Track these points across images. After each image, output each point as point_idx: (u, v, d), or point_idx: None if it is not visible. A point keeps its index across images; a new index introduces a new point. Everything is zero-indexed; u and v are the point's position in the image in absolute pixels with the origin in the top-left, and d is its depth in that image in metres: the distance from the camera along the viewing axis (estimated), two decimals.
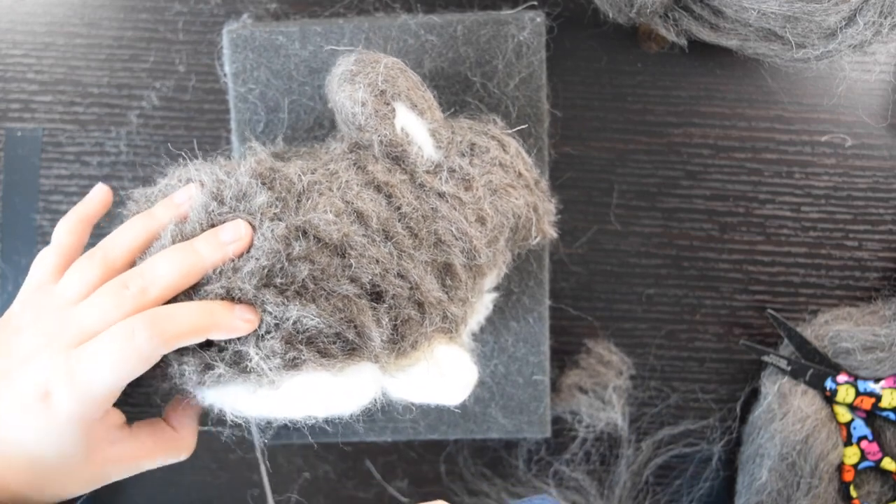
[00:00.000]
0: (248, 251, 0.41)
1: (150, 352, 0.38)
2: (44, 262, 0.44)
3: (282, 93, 0.53)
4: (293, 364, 0.40)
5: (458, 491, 0.59)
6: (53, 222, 0.58)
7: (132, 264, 0.42)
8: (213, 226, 0.42)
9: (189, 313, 0.39)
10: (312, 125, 0.53)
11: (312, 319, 0.40)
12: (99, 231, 0.57)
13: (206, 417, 0.46)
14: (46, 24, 0.57)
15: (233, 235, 0.41)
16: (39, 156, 0.58)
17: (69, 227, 0.46)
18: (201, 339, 0.40)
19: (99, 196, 0.47)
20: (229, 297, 0.40)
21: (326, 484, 0.60)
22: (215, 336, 0.40)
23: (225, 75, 0.54)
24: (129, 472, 0.42)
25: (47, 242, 0.54)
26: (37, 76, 0.57)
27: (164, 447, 0.44)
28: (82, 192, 0.58)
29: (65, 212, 0.57)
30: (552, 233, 0.50)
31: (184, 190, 0.44)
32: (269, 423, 0.44)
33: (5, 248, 0.58)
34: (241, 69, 0.53)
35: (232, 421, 0.43)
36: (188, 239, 0.42)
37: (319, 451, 0.59)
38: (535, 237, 0.49)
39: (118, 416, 0.42)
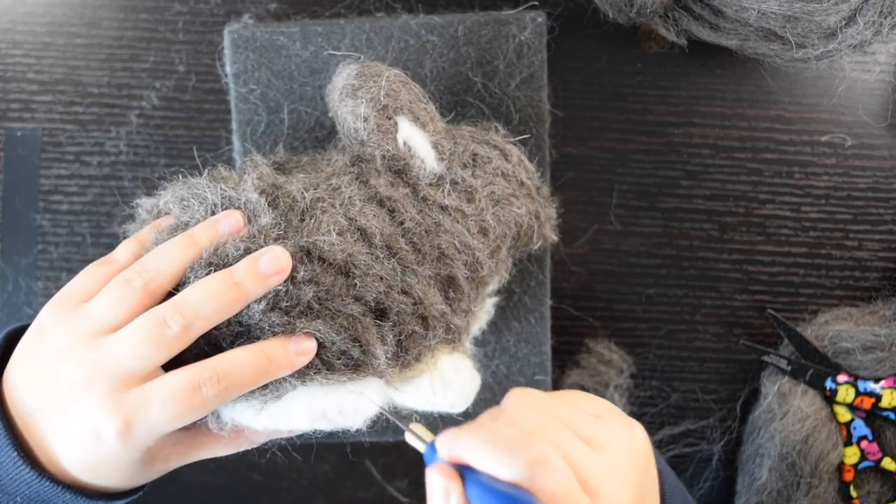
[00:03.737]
0: None
1: (213, 406, 0.38)
2: (92, 275, 0.41)
3: (283, 93, 0.53)
4: (299, 380, 0.40)
5: None
6: (53, 222, 0.58)
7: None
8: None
9: (249, 363, 0.38)
10: (313, 126, 0.53)
11: (318, 337, 0.40)
12: (97, 230, 0.58)
13: None
14: (46, 24, 0.57)
15: (274, 267, 0.39)
16: (39, 156, 0.58)
17: (134, 251, 0.43)
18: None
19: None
20: (237, 322, 0.40)
21: (326, 484, 0.60)
22: (276, 377, 0.40)
23: (226, 76, 0.54)
24: (182, 462, 0.42)
25: (47, 242, 0.53)
26: (37, 76, 0.57)
27: (224, 441, 0.43)
28: (82, 192, 0.58)
29: (65, 211, 0.57)
30: (554, 237, 0.50)
31: (227, 214, 0.42)
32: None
33: (5, 248, 0.58)
34: (242, 70, 0.53)
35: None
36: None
37: (319, 450, 0.59)
38: (537, 242, 0.49)
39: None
